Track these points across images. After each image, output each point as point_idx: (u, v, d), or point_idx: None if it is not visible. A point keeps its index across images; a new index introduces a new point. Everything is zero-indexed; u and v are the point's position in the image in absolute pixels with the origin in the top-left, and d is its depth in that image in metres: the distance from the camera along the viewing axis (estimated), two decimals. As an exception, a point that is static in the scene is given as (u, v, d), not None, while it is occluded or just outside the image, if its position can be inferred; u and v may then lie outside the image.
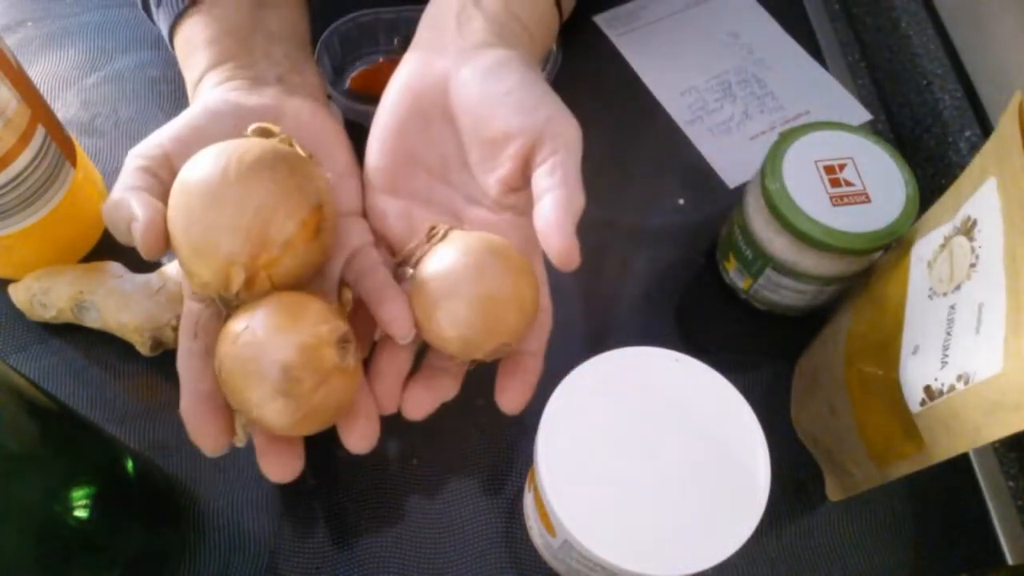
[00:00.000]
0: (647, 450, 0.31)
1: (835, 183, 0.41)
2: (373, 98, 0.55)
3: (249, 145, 0.33)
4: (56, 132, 0.43)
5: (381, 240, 0.39)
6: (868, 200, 0.41)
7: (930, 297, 0.33)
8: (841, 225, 0.40)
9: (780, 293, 0.45)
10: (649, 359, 0.33)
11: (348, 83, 0.54)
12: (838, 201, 0.41)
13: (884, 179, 0.42)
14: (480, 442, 0.43)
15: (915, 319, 0.34)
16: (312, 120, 0.40)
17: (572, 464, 0.31)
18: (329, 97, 0.51)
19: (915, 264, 0.35)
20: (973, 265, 0.30)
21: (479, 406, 0.44)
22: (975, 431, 0.29)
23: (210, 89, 0.39)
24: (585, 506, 0.30)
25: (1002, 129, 0.30)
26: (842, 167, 0.42)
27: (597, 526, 0.30)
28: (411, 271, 0.36)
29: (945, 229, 0.34)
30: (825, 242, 0.40)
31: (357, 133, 0.54)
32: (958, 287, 0.31)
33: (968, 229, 0.31)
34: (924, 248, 0.35)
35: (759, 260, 0.44)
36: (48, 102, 0.43)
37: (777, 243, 0.42)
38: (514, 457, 0.43)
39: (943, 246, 0.33)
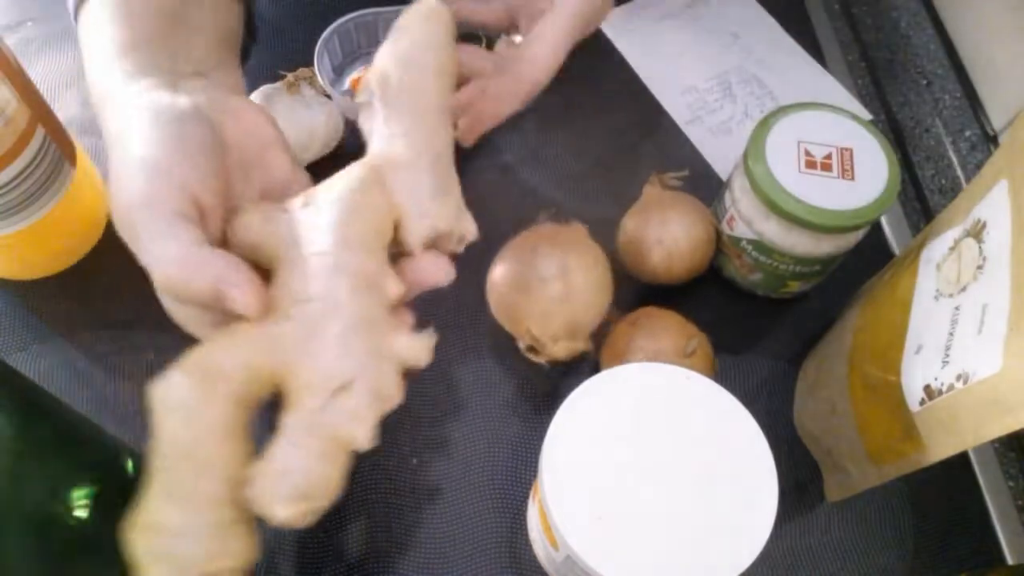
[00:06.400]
0: (653, 466, 0.31)
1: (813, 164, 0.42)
2: None
3: None
4: (56, 132, 0.43)
5: None
6: (853, 179, 0.41)
7: (936, 299, 0.33)
8: (819, 202, 0.40)
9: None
10: (658, 376, 0.33)
11: (348, 83, 0.54)
12: (815, 176, 0.41)
13: (869, 159, 0.42)
14: (483, 448, 0.43)
15: (920, 320, 0.34)
16: (253, 120, 0.36)
17: (577, 478, 0.31)
18: (329, 97, 0.51)
19: (924, 266, 0.35)
20: (980, 267, 0.31)
21: (482, 411, 0.44)
22: (973, 430, 0.29)
23: (140, 92, 0.34)
24: (589, 521, 0.30)
25: (1016, 131, 0.30)
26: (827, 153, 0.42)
27: (601, 542, 0.30)
28: None
29: (955, 232, 0.34)
30: (802, 218, 0.40)
31: (358, 134, 0.54)
32: (964, 288, 0.31)
33: (978, 231, 0.32)
34: (934, 251, 0.35)
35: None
36: (48, 102, 0.43)
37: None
38: (518, 466, 0.43)
39: (952, 248, 0.33)
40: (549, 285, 0.40)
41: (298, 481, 0.26)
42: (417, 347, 0.30)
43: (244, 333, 0.28)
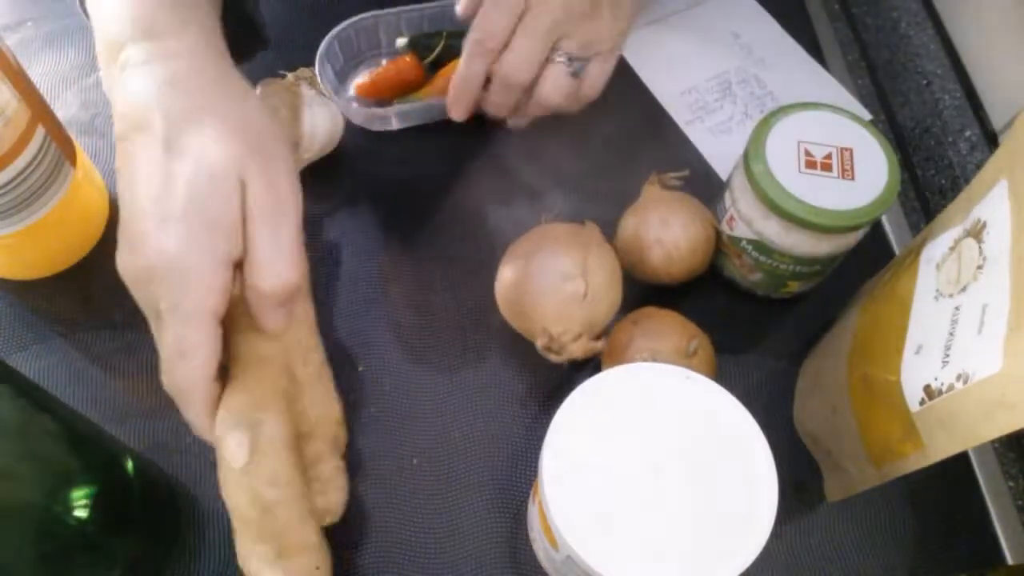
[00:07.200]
0: (653, 466, 0.31)
1: (812, 164, 0.42)
2: (379, 102, 0.54)
3: None
4: (56, 132, 0.43)
5: None
6: (853, 178, 0.41)
7: (936, 299, 0.33)
8: (819, 202, 0.40)
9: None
10: (658, 376, 0.33)
11: (353, 89, 0.54)
12: (815, 176, 0.41)
13: (869, 159, 0.42)
14: (483, 448, 0.43)
15: (920, 320, 0.34)
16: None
17: (577, 478, 0.31)
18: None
19: (924, 266, 0.35)
20: (980, 267, 0.31)
21: (483, 411, 0.44)
22: (973, 430, 0.29)
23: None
24: (589, 521, 0.30)
25: (1016, 131, 0.30)
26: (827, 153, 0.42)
27: (601, 542, 0.30)
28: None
29: (955, 232, 0.34)
30: (802, 218, 0.40)
31: (364, 140, 0.54)
32: (964, 288, 0.31)
33: (978, 231, 0.32)
34: (934, 251, 0.35)
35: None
36: (48, 102, 0.43)
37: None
38: (518, 466, 0.43)
39: (952, 248, 0.33)
40: (570, 284, 0.40)
41: (346, 486, 0.38)
42: None
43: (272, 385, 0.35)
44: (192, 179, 0.31)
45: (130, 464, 0.37)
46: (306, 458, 0.36)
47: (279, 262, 0.32)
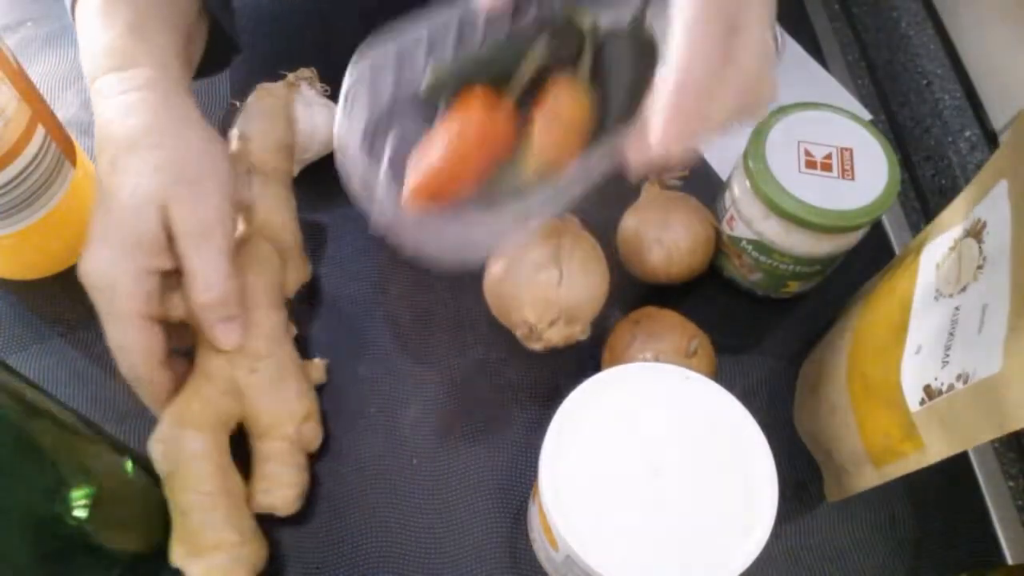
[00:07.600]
0: (652, 466, 0.31)
1: (813, 164, 0.42)
2: (443, 207, 0.32)
3: None
4: (56, 132, 0.43)
5: None
6: (853, 178, 0.41)
7: (936, 299, 0.33)
8: (819, 202, 0.40)
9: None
10: (658, 375, 0.33)
11: (400, 195, 0.33)
12: (815, 176, 0.41)
13: (869, 159, 0.42)
14: (483, 448, 0.43)
15: (920, 320, 0.34)
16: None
17: (577, 478, 0.31)
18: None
19: (924, 266, 0.35)
20: (980, 267, 0.31)
21: (483, 411, 0.44)
22: (973, 430, 0.29)
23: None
24: (588, 521, 0.30)
25: (1016, 131, 0.30)
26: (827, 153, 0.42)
27: (600, 542, 0.30)
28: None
29: (955, 232, 0.34)
30: (802, 218, 0.40)
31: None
32: (964, 288, 0.31)
33: (978, 231, 0.32)
34: (934, 251, 0.35)
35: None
36: (48, 102, 0.43)
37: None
38: (519, 466, 0.42)
39: (952, 248, 0.33)
40: (542, 271, 0.40)
41: (297, 483, 0.39)
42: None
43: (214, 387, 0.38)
44: (120, 202, 0.35)
45: (130, 464, 0.37)
46: (257, 457, 0.39)
47: (210, 275, 0.36)
